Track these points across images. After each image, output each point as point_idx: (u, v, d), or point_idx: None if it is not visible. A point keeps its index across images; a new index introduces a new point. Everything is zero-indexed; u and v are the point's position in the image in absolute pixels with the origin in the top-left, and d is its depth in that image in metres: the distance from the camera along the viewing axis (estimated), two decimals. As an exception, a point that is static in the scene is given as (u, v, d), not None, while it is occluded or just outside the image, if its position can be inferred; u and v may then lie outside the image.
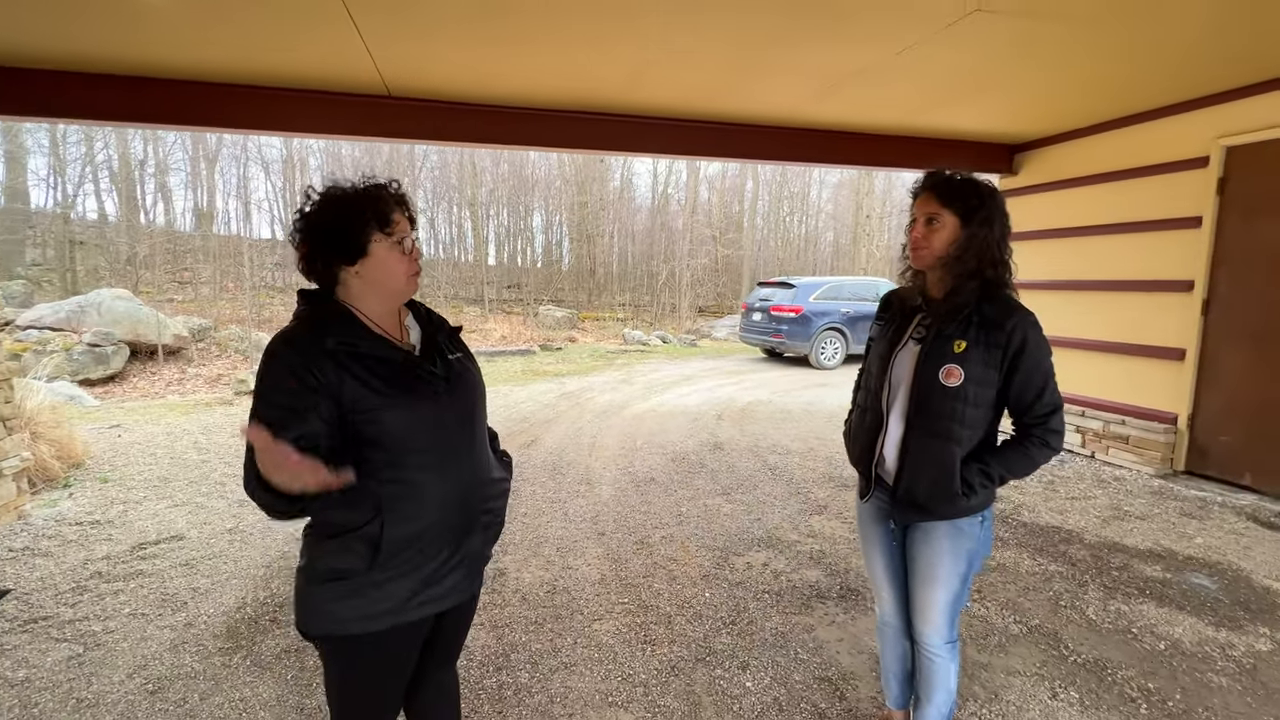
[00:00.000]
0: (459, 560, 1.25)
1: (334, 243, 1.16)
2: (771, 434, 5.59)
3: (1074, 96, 3.84)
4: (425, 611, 1.22)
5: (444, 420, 1.21)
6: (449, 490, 1.22)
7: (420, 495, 1.18)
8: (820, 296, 10.03)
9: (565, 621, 2.55)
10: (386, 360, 1.17)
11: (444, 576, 1.23)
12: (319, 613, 1.18)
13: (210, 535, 3.36)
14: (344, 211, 1.16)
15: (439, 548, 1.22)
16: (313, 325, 1.15)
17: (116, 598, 2.72)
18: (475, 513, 1.28)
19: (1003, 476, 1.44)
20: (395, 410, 1.15)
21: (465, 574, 1.28)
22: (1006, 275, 1.48)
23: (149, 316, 8.73)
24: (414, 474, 1.17)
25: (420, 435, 1.18)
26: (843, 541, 3.28)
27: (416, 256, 1.24)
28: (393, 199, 1.20)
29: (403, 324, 1.29)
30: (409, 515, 1.17)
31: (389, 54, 3.00)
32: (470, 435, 1.28)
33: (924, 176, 1.52)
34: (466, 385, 1.29)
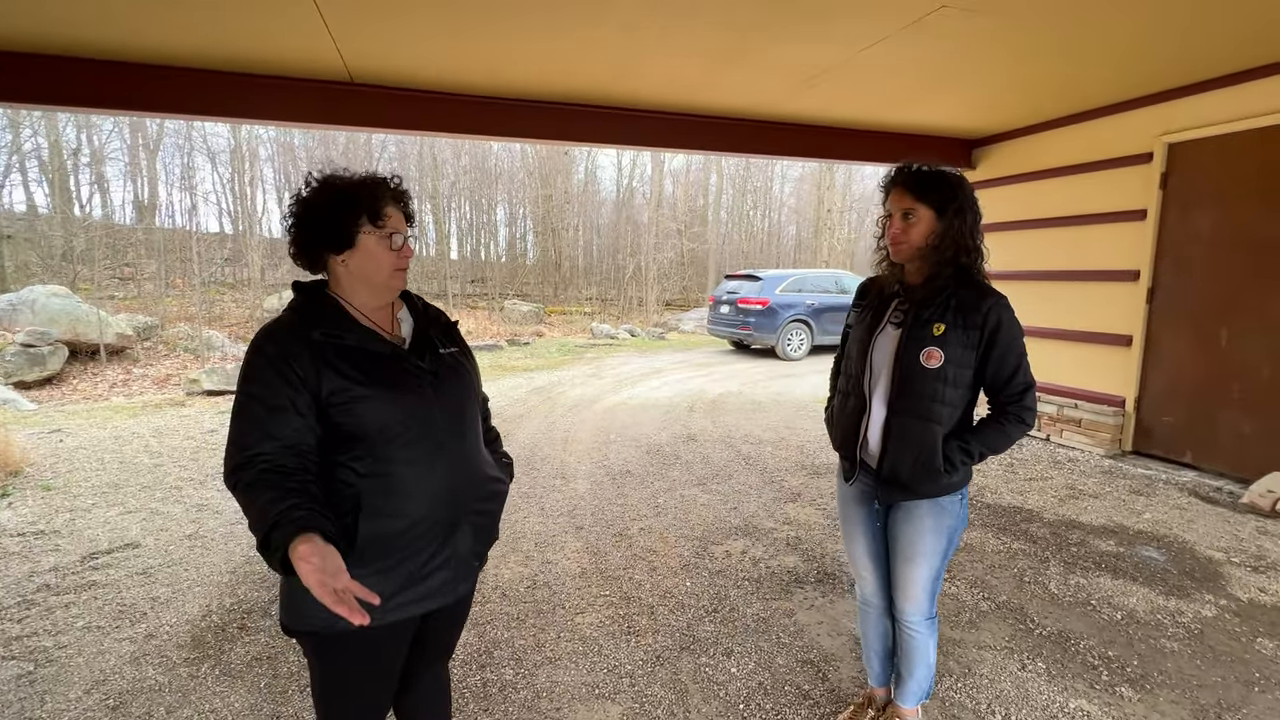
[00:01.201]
0: (445, 560, 1.22)
1: (323, 230, 1.15)
2: (743, 424, 5.66)
3: (1029, 93, 3.99)
4: (409, 612, 1.19)
5: (430, 415, 1.18)
6: (434, 487, 1.18)
7: (401, 490, 1.15)
8: (786, 289, 10.18)
9: (547, 616, 2.53)
10: (371, 353, 1.16)
11: (428, 576, 1.20)
12: (298, 607, 1.15)
13: (168, 542, 3.21)
14: (337, 200, 1.15)
15: (422, 546, 1.18)
16: (300, 317, 1.15)
17: (68, 611, 2.57)
18: (463, 512, 1.24)
19: (981, 453, 1.49)
20: (375, 403, 1.12)
21: (452, 575, 1.24)
22: (979, 260, 1.54)
23: (89, 314, 8.25)
24: (395, 468, 1.14)
25: (403, 429, 1.15)
26: (817, 527, 3.35)
27: (406, 254, 1.21)
28: (390, 194, 1.19)
29: (395, 316, 1.27)
30: (387, 510, 1.14)
31: (352, 35, 2.88)
32: (459, 431, 1.25)
33: (894, 172, 1.56)
34: (456, 381, 1.26)
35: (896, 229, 1.50)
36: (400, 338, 1.25)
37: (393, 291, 1.23)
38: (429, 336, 1.27)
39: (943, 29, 2.89)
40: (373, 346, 1.16)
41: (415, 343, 1.25)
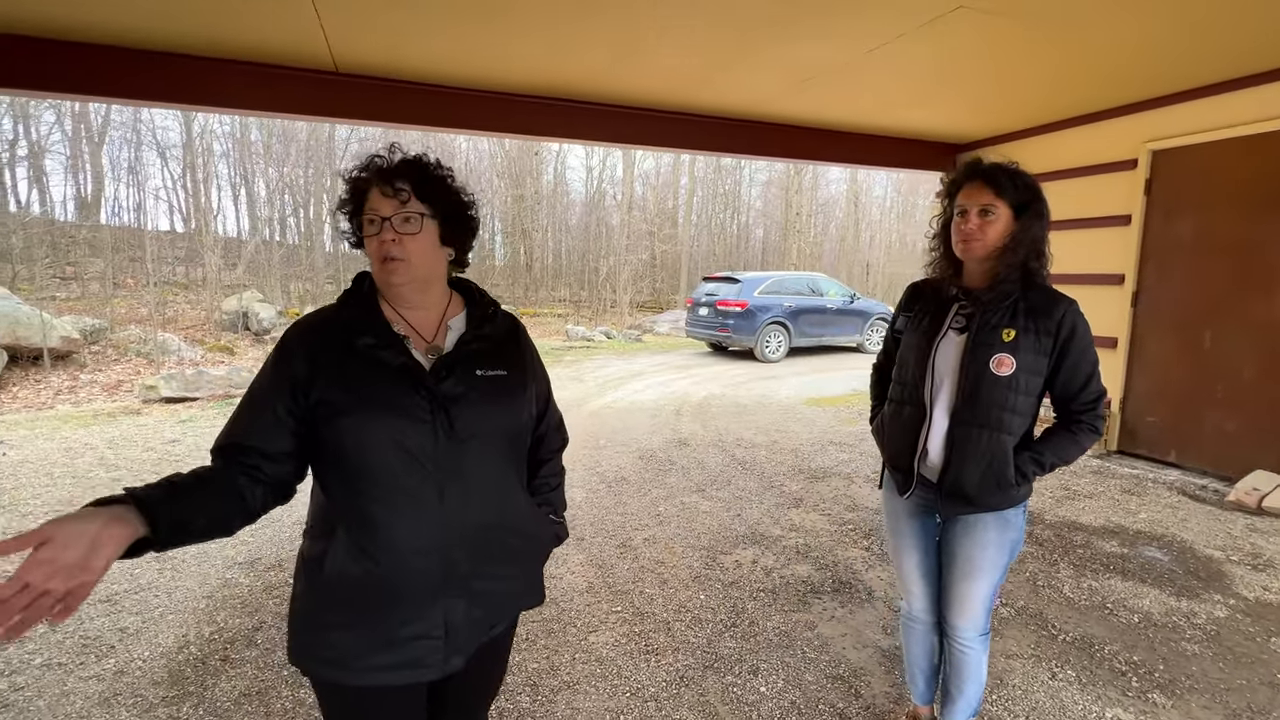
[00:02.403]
0: (429, 628, 1.01)
1: (351, 236, 1.08)
2: (733, 428, 5.61)
3: (1019, 99, 4.05)
4: (385, 679, 1.00)
5: (429, 449, 0.99)
6: (415, 539, 0.99)
7: (371, 532, 0.98)
8: (764, 291, 10.22)
9: (559, 636, 2.40)
10: (379, 363, 1.00)
11: (405, 644, 1.00)
12: (292, 641, 1.05)
13: (133, 565, 2.94)
14: (345, 199, 1.07)
15: (397, 605, 0.99)
16: (339, 306, 1.08)
17: (22, 646, 2.31)
18: (459, 575, 1.02)
19: (1053, 464, 1.44)
20: (357, 422, 0.97)
21: (437, 648, 1.02)
22: (1047, 268, 1.49)
23: (31, 316, 7.67)
24: (369, 506, 0.98)
25: (384, 460, 0.97)
26: (825, 534, 3.30)
27: (387, 239, 1.00)
28: (375, 175, 1.03)
29: (444, 324, 1.10)
30: (355, 552, 0.98)
31: (343, 24, 2.70)
32: (468, 474, 1.03)
33: (967, 166, 1.50)
34: (484, 412, 1.04)
35: (972, 225, 1.43)
36: (437, 348, 1.07)
37: (388, 288, 1.05)
38: (468, 355, 1.06)
39: (949, 31, 2.88)
40: (383, 355, 1.00)
41: (444, 360, 1.04)
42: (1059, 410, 1.50)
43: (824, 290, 10.91)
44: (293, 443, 1.00)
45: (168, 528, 0.84)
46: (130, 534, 0.79)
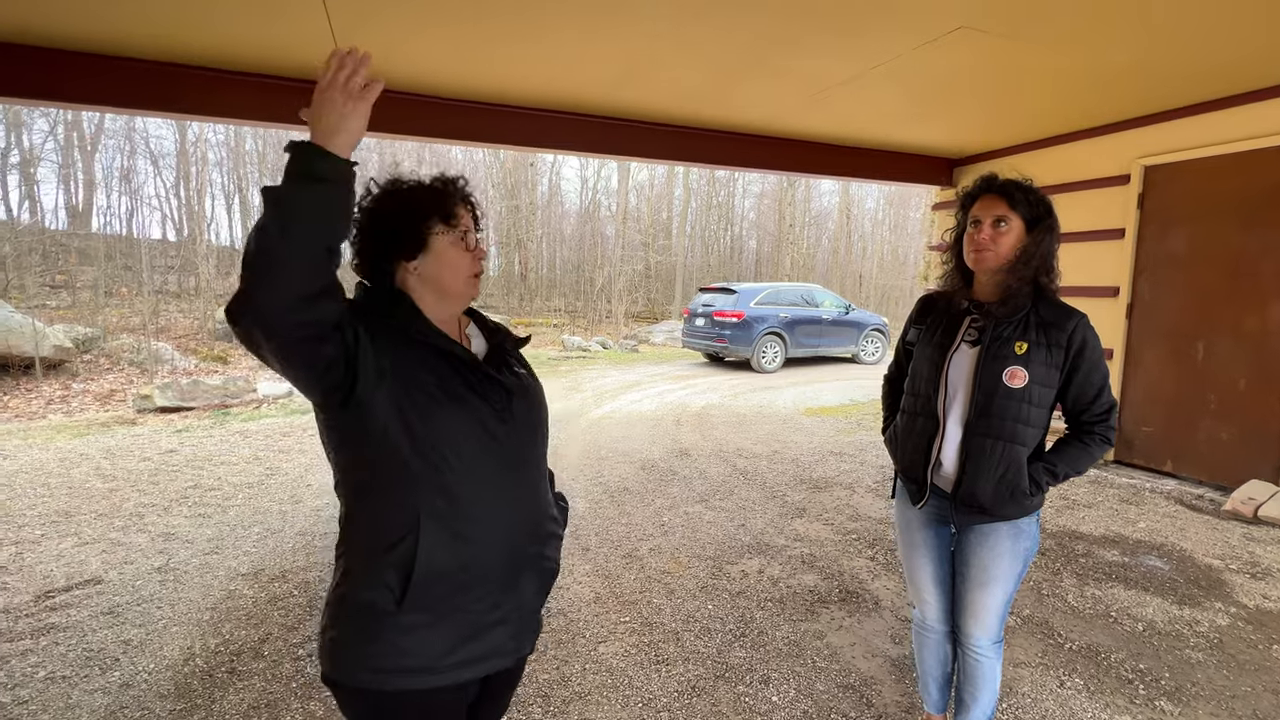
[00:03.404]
0: (508, 612, 1.06)
1: (392, 235, 1.04)
2: (733, 438, 5.63)
3: (1015, 115, 4.14)
4: (467, 673, 1.02)
5: (504, 436, 1.06)
6: (500, 518, 1.04)
7: (466, 518, 1.01)
8: (760, 302, 10.29)
9: (568, 647, 2.40)
10: (451, 354, 1.03)
11: (487, 631, 1.03)
12: (342, 655, 1.00)
13: (134, 576, 2.91)
14: (404, 202, 1.05)
15: (485, 591, 1.03)
16: (379, 304, 1.04)
17: (25, 659, 2.28)
18: (529, 555, 1.10)
19: (1066, 474, 1.47)
20: (452, 410, 1.00)
21: (513, 632, 1.08)
22: (1056, 282, 1.52)
23: (23, 325, 7.59)
24: (461, 490, 1.00)
25: (475, 445, 1.02)
26: (830, 544, 3.31)
27: (480, 255, 1.11)
28: (459, 193, 1.09)
29: (464, 332, 1.16)
30: (449, 539, 0.99)
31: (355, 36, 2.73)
32: (532, 460, 1.12)
33: (982, 180, 1.53)
34: (530, 405, 1.14)
35: (985, 236, 1.46)
36: (473, 354, 1.12)
37: (466, 299, 1.12)
38: (503, 353, 1.15)
39: (949, 50, 2.95)
40: (452, 348, 1.04)
41: (490, 357, 1.14)
42: (1071, 422, 1.53)
43: (819, 301, 10.99)
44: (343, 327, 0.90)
45: (350, 168, 0.86)
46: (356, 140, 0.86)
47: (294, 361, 0.87)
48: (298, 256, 0.81)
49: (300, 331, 0.84)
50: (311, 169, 0.82)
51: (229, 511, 3.69)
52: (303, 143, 0.83)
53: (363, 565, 1.00)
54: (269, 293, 0.80)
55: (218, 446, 5.13)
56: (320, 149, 0.83)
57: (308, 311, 0.83)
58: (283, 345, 0.84)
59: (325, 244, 0.83)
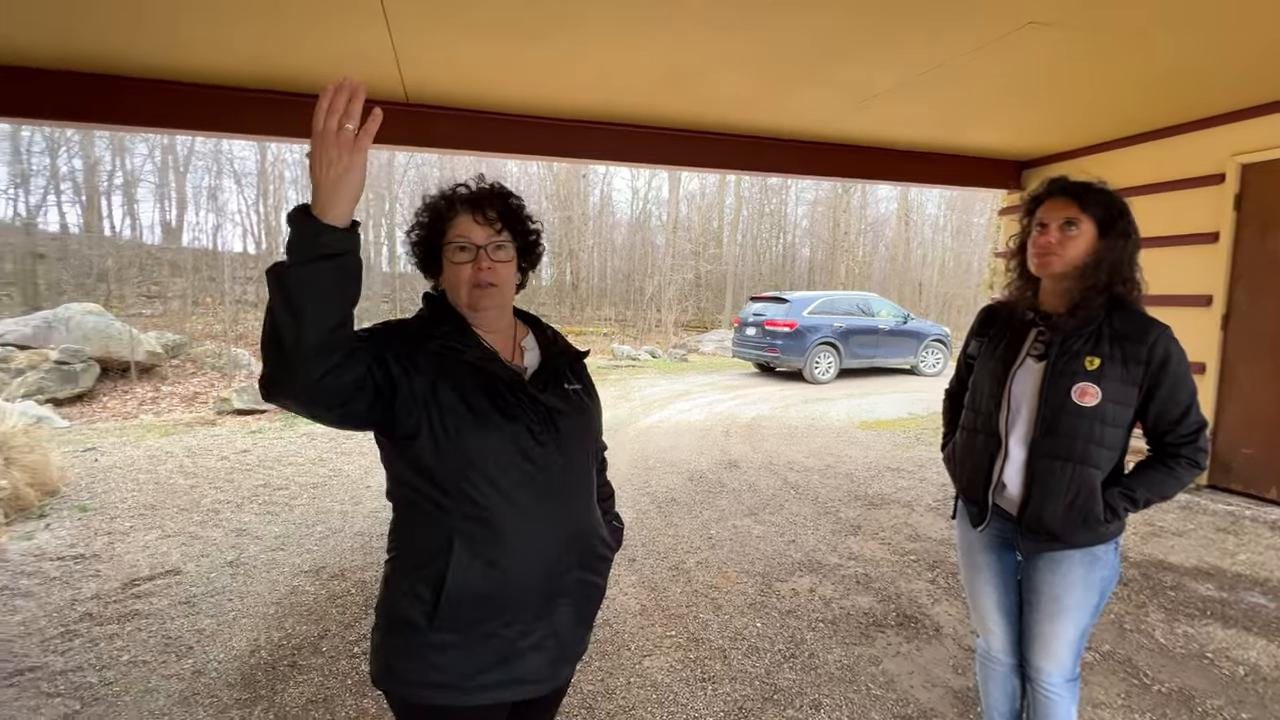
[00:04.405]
0: (543, 638, 1.04)
1: (419, 258, 1.11)
2: (784, 450, 5.50)
3: (1091, 113, 3.88)
4: (497, 696, 1.01)
5: (543, 459, 1.03)
6: (535, 545, 1.02)
7: (499, 542, 0.99)
8: (814, 311, 10.06)
9: (613, 659, 2.38)
10: (491, 375, 1.03)
11: (521, 656, 1.02)
12: (382, 665, 1.03)
13: (209, 569, 3.10)
14: (424, 225, 1.09)
15: (515, 616, 1.01)
16: (422, 325, 1.07)
17: (112, 643, 2.45)
18: (568, 581, 1.07)
19: (1148, 500, 1.35)
20: (485, 433, 0.99)
21: (550, 659, 1.05)
22: (1136, 293, 1.40)
23: (121, 332, 8.29)
24: (495, 508, 0.99)
25: (509, 470, 1.00)
26: (886, 564, 3.17)
27: (482, 267, 1.04)
28: (461, 200, 1.08)
29: (518, 344, 1.15)
30: (481, 564, 0.98)
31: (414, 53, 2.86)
32: (575, 484, 1.09)
33: (1050, 181, 1.44)
34: (578, 424, 1.11)
35: (1052, 238, 1.35)
36: (522, 367, 1.12)
37: (475, 312, 1.08)
38: (555, 369, 1.13)
39: (1015, 48, 2.80)
40: (491, 368, 1.03)
41: (538, 375, 1.11)
42: (1153, 443, 1.40)
43: (876, 310, 10.64)
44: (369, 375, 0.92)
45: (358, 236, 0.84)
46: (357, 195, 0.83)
47: (331, 420, 0.92)
48: (311, 338, 0.81)
49: (331, 399, 0.88)
50: (314, 247, 0.80)
51: (295, 510, 3.88)
52: (302, 216, 0.81)
53: (401, 579, 1.02)
54: (289, 375, 0.83)
55: (287, 448, 5.41)
56: (319, 223, 0.80)
57: (332, 381, 0.86)
58: (316, 411, 0.90)
59: (338, 318, 0.83)
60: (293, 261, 0.80)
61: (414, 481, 1.01)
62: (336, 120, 0.78)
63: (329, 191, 0.80)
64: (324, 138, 0.78)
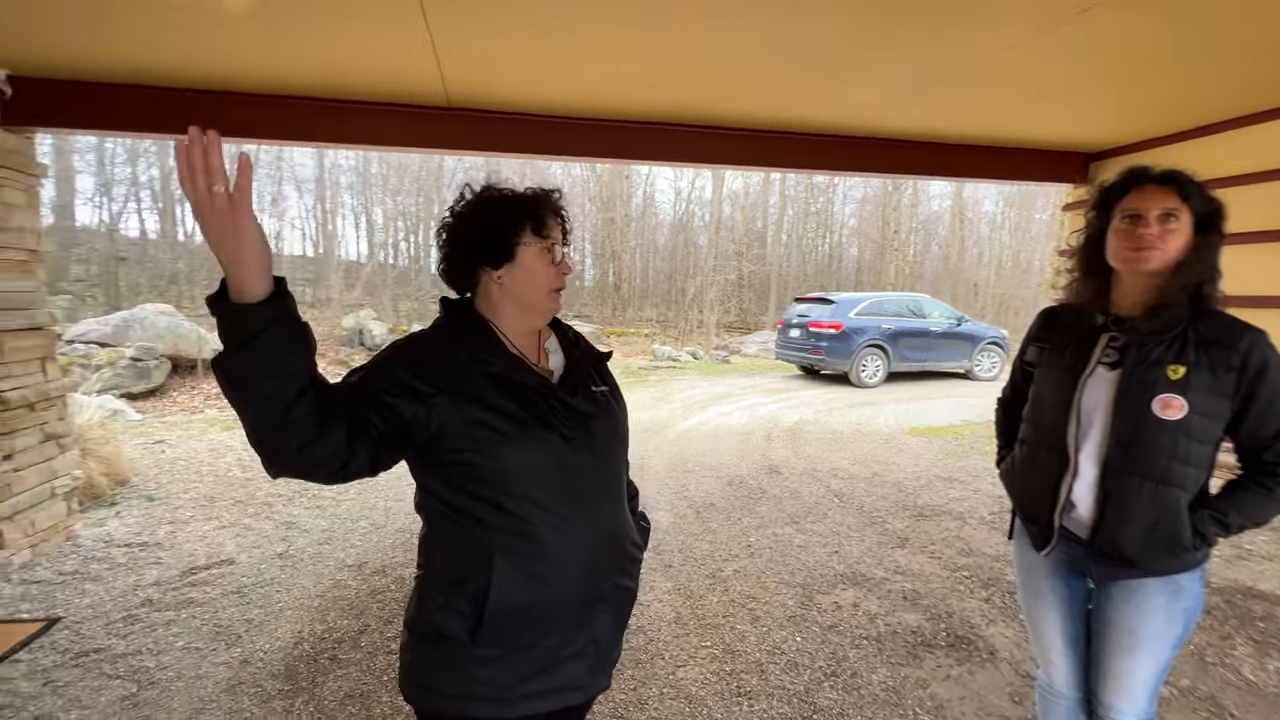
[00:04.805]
0: (583, 646, 1.03)
1: (480, 241, 1.03)
2: (828, 456, 5.33)
3: (1166, 100, 3.59)
4: (538, 706, 1.00)
5: (578, 465, 1.01)
6: (575, 553, 1.00)
7: (541, 555, 0.98)
8: (861, 313, 9.75)
9: (646, 668, 2.33)
10: (519, 385, 1.00)
11: (562, 665, 1.01)
12: (417, 679, 1.01)
13: (260, 560, 3.21)
14: (497, 210, 1.03)
15: (556, 625, 1.01)
16: (444, 335, 1.03)
17: (169, 629, 2.57)
18: (605, 587, 1.06)
19: (1241, 525, 1.21)
20: (520, 445, 0.96)
21: (589, 666, 1.04)
22: (1219, 291, 1.26)
23: (190, 331, 8.79)
24: (536, 524, 0.97)
25: (546, 480, 0.98)
26: (936, 580, 3.01)
27: (565, 270, 1.08)
28: (552, 206, 1.06)
29: (542, 347, 1.12)
30: (524, 578, 0.97)
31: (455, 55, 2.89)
32: (608, 487, 1.08)
33: (1132, 171, 1.31)
34: (609, 425, 1.09)
35: (1151, 232, 1.21)
36: (548, 370, 1.10)
37: (547, 314, 1.09)
38: (581, 371, 1.11)
39: (1080, 32, 2.60)
40: (520, 376, 1.00)
41: (566, 377, 1.09)
42: (1247, 462, 1.25)
43: (927, 312, 10.24)
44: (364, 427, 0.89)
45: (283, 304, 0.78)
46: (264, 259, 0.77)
47: (339, 480, 0.90)
48: (270, 416, 0.79)
49: (323, 466, 0.86)
50: (237, 332, 0.75)
51: (341, 505, 3.99)
52: (217, 302, 0.76)
53: (436, 594, 1.00)
54: (265, 454, 0.83)
55: (336, 444, 5.59)
56: (234, 306, 0.75)
57: (318, 450, 0.83)
58: (316, 478, 0.88)
59: (291, 392, 0.79)
60: (225, 349, 0.77)
61: (448, 498, 0.99)
62: (204, 182, 0.72)
63: (231, 270, 0.75)
64: (199, 209, 0.72)
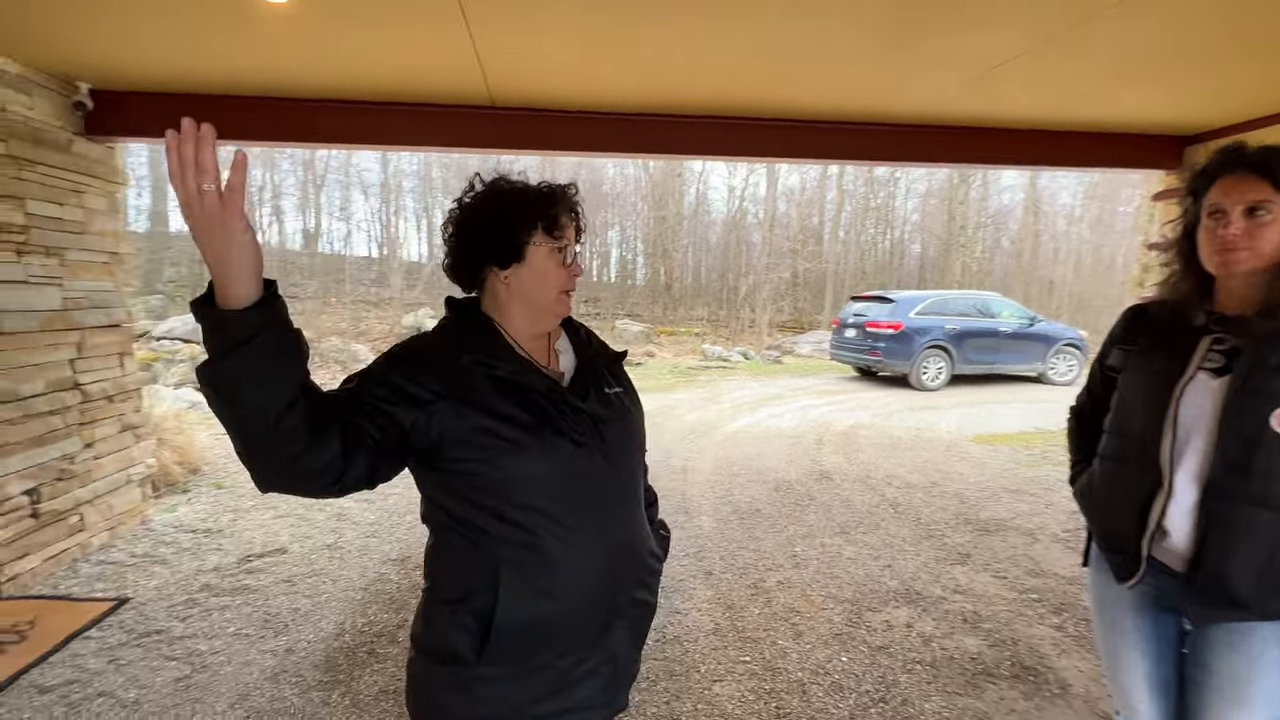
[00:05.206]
0: (598, 664, 0.98)
1: (488, 239, 0.96)
2: (883, 463, 5.06)
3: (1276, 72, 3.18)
4: None
5: (590, 471, 0.95)
6: (586, 565, 0.94)
7: (548, 567, 0.92)
8: (922, 312, 9.29)
9: (680, 680, 2.24)
10: (527, 389, 0.93)
11: (576, 684, 0.96)
12: (425, 697, 0.97)
13: (311, 550, 3.32)
14: (506, 207, 0.96)
15: (569, 644, 0.95)
16: (448, 338, 0.97)
17: (223, 614, 2.67)
18: (621, 601, 1.00)
19: None
20: (528, 453, 0.90)
21: (605, 684, 0.99)
22: None
23: (262, 328, 9.34)
24: (544, 537, 0.91)
25: (554, 488, 0.92)
26: (1000, 602, 2.77)
27: (575, 273, 1.01)
28: (566, 203, 0.99)
29: (552, 348, 1.06)
30: (531, 592, 0.91)
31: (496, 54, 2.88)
32: (623, 495, 1.01)
33: (1224, 153, 1.13)
34: (624, 430, 1.02)
35: (1236, 229, 1.06)
36: (558, 372, 1.03)
37: (555, 316, 1.02)
38: (594, 372, 1.04)
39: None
40: (527, 380, 0.94)
41: (576, 380, 1.02)
42: None
43: (996, 311, 9.64)
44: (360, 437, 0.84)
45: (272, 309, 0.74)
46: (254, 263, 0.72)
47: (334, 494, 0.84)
48: (259, 428, 0.74)
49: (318, 480, 0.80)
50: (223, 338, 0.71)
51: (389, 499, 4.09)
52: (202, 307, 0.72)
53: (441, 608, 0.95)
54: (254, 468, 0.78)
55: (390, 438, 5.77)
56: (220, 312, 0.71)
57: (312, 461, 0.78)
58: (310, 493, 0.82)
59: (282, 402, 0.74)
60: (210, 357, 0.72)
61: (452, 508, 0.94)
62: (194, 179, 0.67)
63: (217, 273, 0.70)
64: (189, 209, 0.68)
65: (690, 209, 23.15)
